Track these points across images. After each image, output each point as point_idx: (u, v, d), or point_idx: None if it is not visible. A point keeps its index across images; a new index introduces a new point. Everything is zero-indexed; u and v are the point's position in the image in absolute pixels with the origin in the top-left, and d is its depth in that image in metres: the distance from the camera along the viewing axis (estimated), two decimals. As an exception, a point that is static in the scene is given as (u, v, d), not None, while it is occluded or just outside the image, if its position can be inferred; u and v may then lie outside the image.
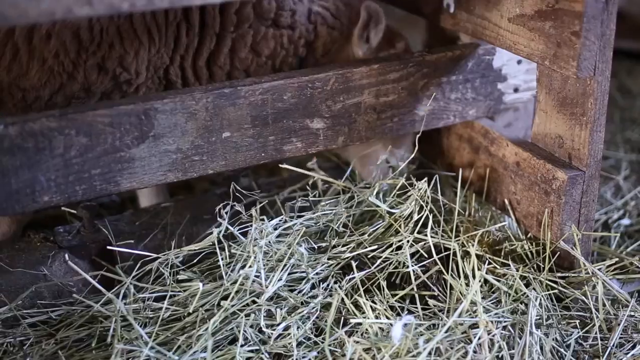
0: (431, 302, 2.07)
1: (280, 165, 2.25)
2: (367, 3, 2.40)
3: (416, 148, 2.31)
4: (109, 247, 2.16)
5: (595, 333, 2.05)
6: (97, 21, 2.15)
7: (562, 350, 2.01)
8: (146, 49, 2.23)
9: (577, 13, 1.92)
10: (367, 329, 1.93)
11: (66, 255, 2.18)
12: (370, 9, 2.40)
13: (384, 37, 2.46)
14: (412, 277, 2.08)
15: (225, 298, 2.01)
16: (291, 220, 2.21)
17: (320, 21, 2.45)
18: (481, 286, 2.10)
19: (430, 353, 1.84)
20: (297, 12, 2.39)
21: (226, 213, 2.14)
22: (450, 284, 2.07)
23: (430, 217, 2.16)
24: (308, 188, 2.32)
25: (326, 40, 2.46)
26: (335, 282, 2.12)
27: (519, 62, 2.44)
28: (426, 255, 2.13)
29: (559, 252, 2.18)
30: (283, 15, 2.36)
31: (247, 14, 2.30)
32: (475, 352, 1.86)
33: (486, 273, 2.09)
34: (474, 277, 2.04)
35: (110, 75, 2.24)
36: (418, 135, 2.32)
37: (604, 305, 2.09)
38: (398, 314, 2.05)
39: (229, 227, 2.13)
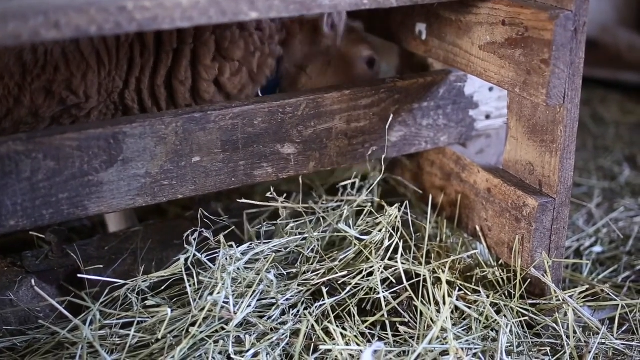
0: (402, 328, 2.06)
1: (238, 200, 2.24)
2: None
3: (382, 171, 2.30)
4: (79, 276, 2.14)
5: (566, 360, 2.05)
6: (40, 43, 2.08)
7: (532, 377, 2.00)
8: (95, 72, 2.17)
9: (547, 41, 1.94)
10: (337, 356, 1.91)
11: (33, 281, 2.15)
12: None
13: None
14: (383, 304, 2.07)
15: (194, 324, 1.98)
16: (259, 246, 2.19)
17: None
18: (452, 313, 2.10)
19: (399, 380, 1.83)
20: None
21: (194, 239, 2.12)
22: (421, 311, 2.06)
23: (401, 243, 2.16)
24: (281, 213, 2.31)
25: (300, 36, 2.47)
26: (305, 308, 2.10)
27: (490, 89, 2.45)
28: (395, 282, 2.12)
29: (530, 279, 2.18)
30: None
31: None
32: (444, 379, 1.85)
33: (457, 300, 2.08)
34: (444, 303, 2.03)
35: (58, 99, 2.17)
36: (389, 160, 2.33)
37: (575, 332, 2.09)
38: (368, 341, 2.04)
39: (197, 254, 2.11)
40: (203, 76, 2.29)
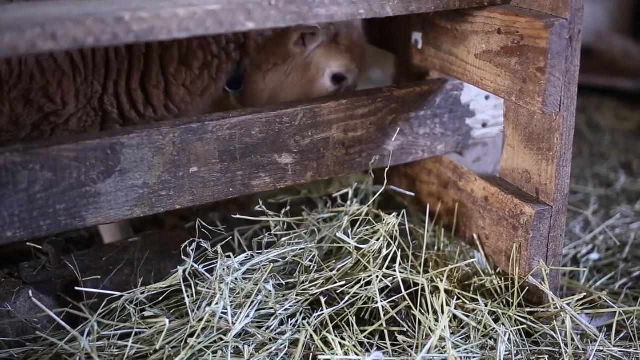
0: (400, 337, 2.06)
1: (233, 216, 2.25)
2: (297, 27, 2.39)
3: (385, 183, 2.31)
4: (77, 289, 2.13)
5: (564, 368, 2.05)
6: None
7: (531, 385, 2.00)
8: (70, 78, 2.19)
9: (542, 49, 1.95)
10: (335, 366, 1.91)
11: (30, 292, 2.14)
12: (304, 30, 2.41)
13: (326, 35, 2.46)
14: (382, 313, 2.07)
15: (192, 335, 1.98)
16: (258, 256, 2.19)
17: None
18: (450, 322, 2.10)
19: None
20: None
21: (192, 250, 2.12)
22: (419, 320, 2.06)
23: (399, 252, 2.16)
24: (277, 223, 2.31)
25: (256, 38, 2.44)
26: (303, 318, 2.10)
27: (487, 97, 2.46)
28: (396, 288, 2.12)
29: (527, 287, 2.19)
30: None
31: None
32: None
33: (455, 308, 2.08)
34: (442, 312, 2.03)
35: (36, 107, 2.19)
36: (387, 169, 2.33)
37: (572, 340, 2.09)
38: (367, 350, 2.04)
39: (194, 265, 2.11)
40: (171, 81, 2.34)
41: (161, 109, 2.37)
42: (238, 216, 2.24)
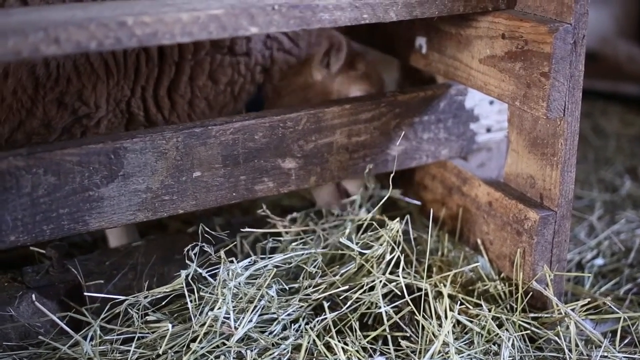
0: (404, 343, 2.05)
1: (242, 230, 2.26)
2: (330, 33, 2.42)
3: (390, 189, 2.30)
4: (84, 293, 2.13)
5: (568, 374, 2.04)
6: (53, 57, 2.14)
7: (535, 391, 2.00)
8: (104, 82, 2.23)
9: (546, 54, 1.94)
10: (338, 371, 1.91)
11: (33, 296, 2.14)
12: (333, 39, 2.43)
13: (344, 60, 2.48)
14: (385, 318, 2.06)
15: (195, 340, 1.98)
16: (261, 261, 2.19)
17: (276, 46, 2.45)
18: (454, 327, 2.09)
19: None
20: (253, 39, 2.39)
21: (195, 254, 2.12)
22: (423, 325, 2.05)
23: (402, 257, 2.15)
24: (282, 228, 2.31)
25: (283, 65, 2.47)
26: (306, 323, 2.10)
27: (491, 102, 2.45)
28: (400, 293, 2.12)
29: (531, 293, 2.18)
30: (238, 43, 2.36)
31: (203, 42, 2.30)
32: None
33: (459, 314, 2.08)
34: (446, 317, 2.03)
35: (70, 110, 2.23)
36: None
37: (577, 345, 2.08)
38: (370, 355, 2.03)
39: (198, 269, 2.11)
40: (196, 93, 2.37)
41: (184, 118, 2.41)
42: (248, 229, 2.24)
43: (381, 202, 2.29)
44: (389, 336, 2.06)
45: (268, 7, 1.80)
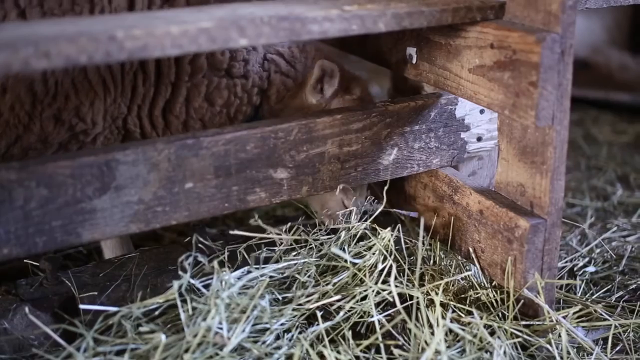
0: (396, 351, 2.06)
1: (231, 232, 2.26)
2: (320, 62, 2.43)
3: (384, 200, 2.32)
4: (80, 307, 2.14)
5: (560, 381, 2.05)
6: (51, 74, 2.17)
7: (527, 399, 2.00)
8: (101, 99, 2.25)
9: (534, 64, 1.96)
10: (330, 380, 1.91)
11: (27, 308, 2.15)
12: (324, 66, 2.44)
13: (339, 84, 2.49)
14: (377, 327, 2.07)
15: (188, 350, 1.98)
16: (254, 271, 2.20)
17: (273, 69, 2.47)
18: (446, 335, 2.10)
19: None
20: (250, 62, 2.41)
21: (189, 264, 2.12)
22: (415, 333, 2.06)
23: (394, 266, 2.16)
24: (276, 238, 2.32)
25: (280, 87, 2.49)
26: (299, 333, 2.10)
27: (481, 111, 2.47)
28: (392, 300, 2.13)
29: (523, 300, 2.19)
30: (235, 66, 2.38)
31: (200, 64, 2.32)
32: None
33: (450, 322, 2.09)
34: (438, 325, 2.04)
35: (67, 126, 2.25)
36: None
37: (568, 353, 2.09)
38: (363, 365, 2.04)
39: (190, 280, 2.12)
40: (191, 114, 2.39)
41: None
42: (237, 232, 2.24)
43: (376, 213, 2.31)
44: (381, 345, 2.07)
45: (257, 19, 1.81)
